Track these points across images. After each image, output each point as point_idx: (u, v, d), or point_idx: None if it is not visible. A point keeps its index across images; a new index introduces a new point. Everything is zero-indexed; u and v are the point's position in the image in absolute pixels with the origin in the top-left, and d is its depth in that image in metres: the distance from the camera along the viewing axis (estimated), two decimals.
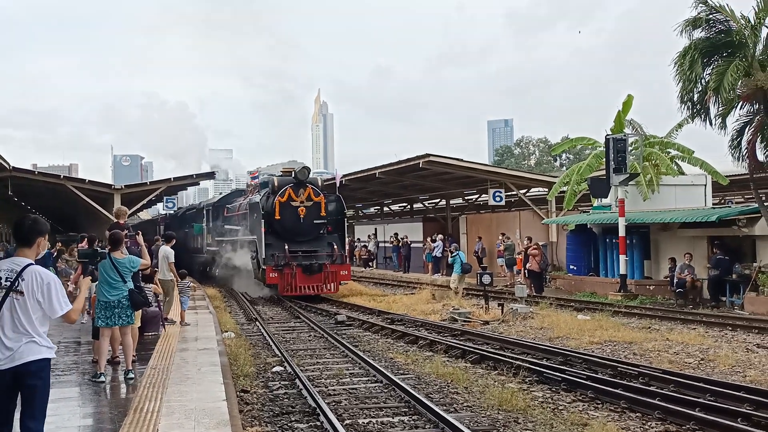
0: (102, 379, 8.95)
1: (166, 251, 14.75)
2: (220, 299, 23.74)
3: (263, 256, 23.22)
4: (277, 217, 23.61)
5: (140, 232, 11.65)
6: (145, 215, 61.05)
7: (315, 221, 24.14)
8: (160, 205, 46.62)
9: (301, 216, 23.83)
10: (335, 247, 24.01)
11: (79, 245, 13.08)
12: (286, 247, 23.14)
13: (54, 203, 41.41)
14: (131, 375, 9.09)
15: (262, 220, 23.54)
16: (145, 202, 34.49)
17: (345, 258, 24.53)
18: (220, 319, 16.66)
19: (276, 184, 24.29)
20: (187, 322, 14.66)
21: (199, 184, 40.85)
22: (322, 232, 24.56)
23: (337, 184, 27.37)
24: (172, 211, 41.47)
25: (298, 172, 24.39)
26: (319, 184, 25.04)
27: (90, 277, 6.31)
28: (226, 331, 15.07)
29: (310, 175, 24.97)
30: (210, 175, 36.84)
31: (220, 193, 38.92)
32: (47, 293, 4.78)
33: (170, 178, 32.84)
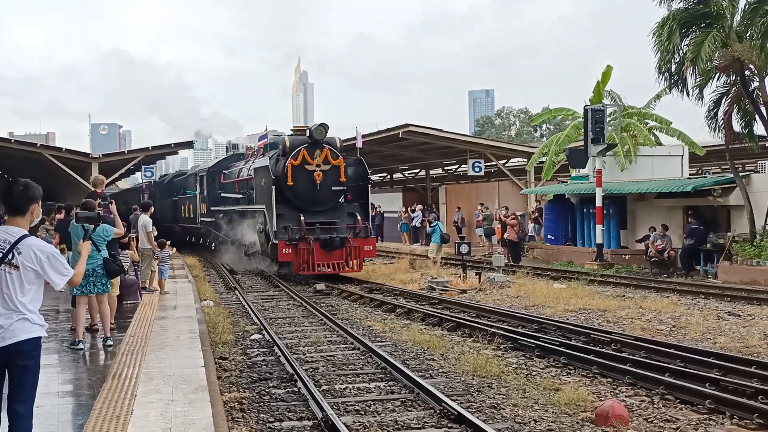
0: (80, 346, 9.00)
1: (145, 220, 14.72)
2: (199, 268, 23.75)
3: (274, 229, 19.78)
4: (290, 182, 20.07)
5: (113, 201, 11.61)
6: (124, 184, 60.59)
7: (333, 188, 20.60)
8: (138, 174, 46.18)
9: (318, 182, 20.24)
10: (358, 217, 20.53)
11: (57, 215, 13.00)
12: (302, 218, 19.76)
13: (31, 172, 41.00)
14: (109, 342, 9.14)
15: (273, 187, 19.93)
16: (123, 171, 34.22)
17: (369, 231, 20.96)
18: (199, 288, 16.71)
19: (288, 144, 20.57)
20: (166, 290, 14.71)
21: (177, 153, 40.52)
22: (341, 200, 21.21)
23: (359, 145, 23.50)
24: (157, 178, 40.33)
25: (314, 130, 20.42)
26: (338, 144, 21.22)
27: (89, 242, 6.19)
28: (205, 300, 15.14)
29: (333, 134, 21.20)
30: (189, 145, 36.54)
31: (216, 158, 36.24)
32: (48, 267, 4.43)
33: (148, 147, 32.61)
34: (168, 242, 16.15)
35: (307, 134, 20.65)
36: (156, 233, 15.13)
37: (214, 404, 6.44)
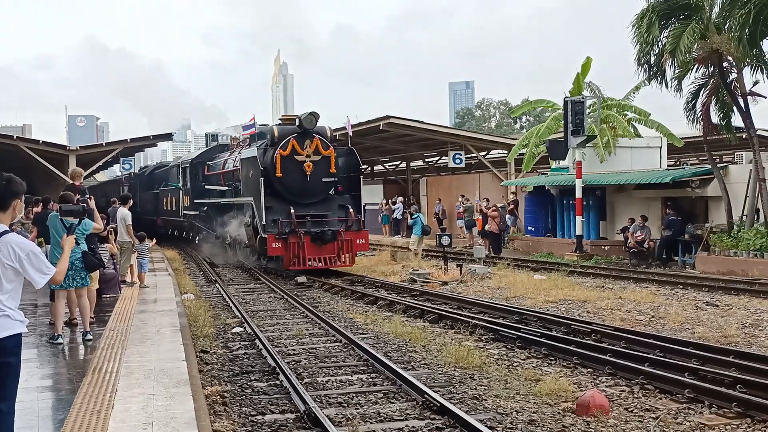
0: (59, 340, 8.92)
1: (123, 213, 14.60)
2: (179, 261, 23.61)
3: (263, 222, 19.02)
4: (278, 174, 19.27)
5: (92, 197, 11.50)
6: (102, 177, 60.05)
7: (324, 179, 19.85)
8: (116, 167, 45.74)
9: (308, 173, 19.44)
10: (350, 210, 19.85)
11: (34, 209, 12.84)
12: (292, 210, 19.03)
13: (7, 165, 40.49)
14: (89, 336, 9.06)
15: (261, 178, 19.14)
16: (101, 163, 33.90)
17: (362, 224, 20.29)
18: (179, 281, 16.61)
19: (276, 134, 19.79)
20: (146, 284, 14.60)
21: (156, 145, 40.21)
22: (331, 192, 20.43)
23: (350, 134, 22.69)
24: (137, 171, 39.88)
25: (303, 119, 19.48)
26: (328, 134, 20.42)
27: (74, 236, 6.07)
28: (186, 293, 15.05)
29: (318, 124, 20.13)
30: (168, 137, 36.22)
31: (199, 149, 35.25)
32: (28, 265, 4.30)
33: (126, 139, 32.30)
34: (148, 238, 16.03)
35: (297, 123, 19.81)
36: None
37: (195, 398, 6.41)
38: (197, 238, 27.73)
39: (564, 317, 12.21)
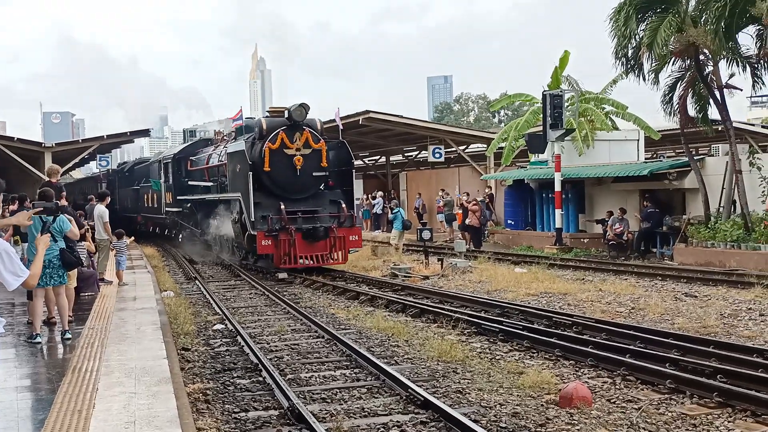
0: (38, 340, 8.81)
1: (100, 210, 14.47)
2: (158, 258, 23.43)
3: (252, 219, 18.18)
4: (267, 168, 18.39)
5: (65, 194, 11.36)
6: (78, 174, 59.43)
7: (314, 174, 18.98)
8: (93, 164, 45.25)
9: (298, 167, 18.57)
10: (343, 206, 19.07)
11: (10, 207, 12.66)
12: (282, 206, 18.26)
13: None
14: (68, 335, 8.96)
15: (250, 173, 18.25)
16: (77, 160, 33.50)
17: (355, 219, 19.68)
18: (158, 279, 16.48)
19: (264, 127, 18.86)
20: (124, 282, 14.47)
21: (133, 141, 39.82)
22: (321, 187, 19.67)
23: (340, 127, 21.89)
24: (114, 167, 39.35)
25: (293, 111, 18.56)
26: (319, 127, 19.48)
27: (49, 234, 5.98)
28: (165, 291, 14.93)
29: (308, 116, 19.14)
30: (145, 133, 35.94)
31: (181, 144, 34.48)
32: (1, 267, 4.20)
33: (103, 136, 31.96)
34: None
35: (286, 116, 18.84)
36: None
37: (178, 396, 6.35)
38: (180, 236, 27.01)
39: (545, 310, 12.26)
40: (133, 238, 18.34)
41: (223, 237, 21.75)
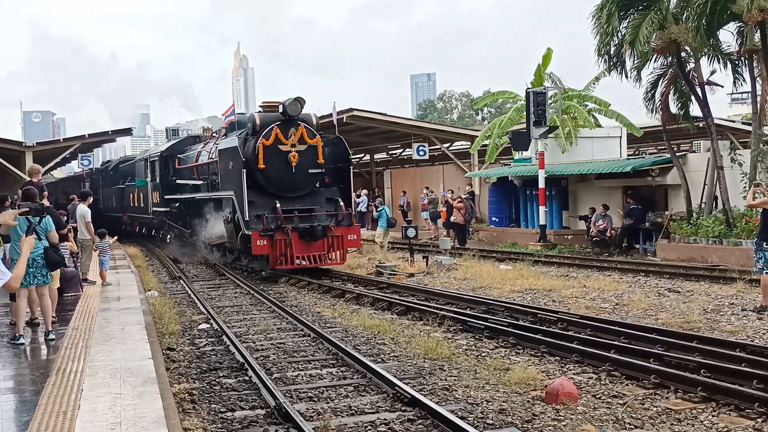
0: (21, 341, 8.73)
1: (82, 210, 14.37)
2: (141, 258, 23.31)
3: (246, 218, 17.39)
4: (261, 165, 17.70)
5: (46, 194, 11.28)
6: (59, 173, 58.94)
7: (310, 170, 18.32)
8: (74, 163, 44.91)
9: (293, 164, 17.86)
10: (341, 203, 18.40)
11: None
12: (278, 205, 17.54)
13: None
14: (52, 336, 8.89)
15: (243, 170, 17.44)
16: (59, 159, 33.29)
17: (353, 218, 18.95)
18: (142, 278, 16.41)
19: (258, 122, 18.13)
20: (108, 282, 14.38)
21: (115, 140, 39.60)
22: (318, 185, 19.00)
23: (335, 122, 21.47)
24: (98, 166, 38.46)
25: (287, 105, 17.80)
26: (314, 122, 18.81)
27: (34, 235, 5.93)
28: (150, 290, 14.85)
29: (303, 110, 18.39)
30: (127, 132, 35.73)
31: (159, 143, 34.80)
32: None
33: (85, 135, 31.77)
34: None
35: (280, 110, 18.05)
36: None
37: (164, 396, 6.33)
38: (168, 236, 26.28)
39: (530, 306, 12.31)
40: (116, 237, 18.18)
41: (215, 237, 21.01)
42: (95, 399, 6.20)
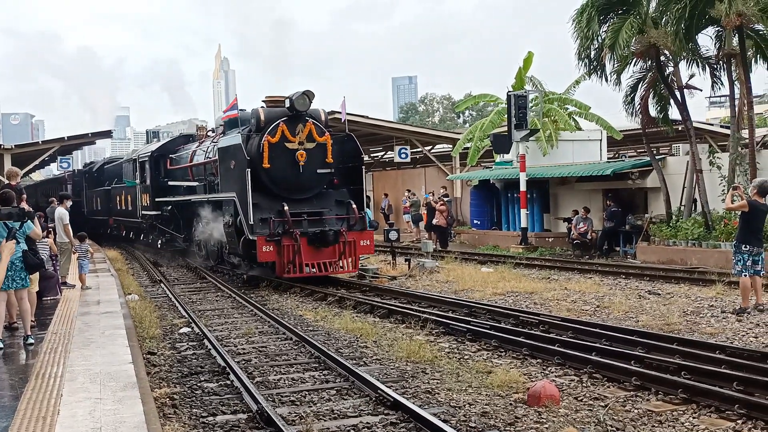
0: (0, 345, 8.62)
1: (60, 213, 14.25)
2: (121, 261, 23.13)
3: (251, 222, 16.09)
4: (266, 164, 16.42)
5: (25, 196, 11.16)
6: (38, 176, 58.39)
7: (319, 170, 17.06)
8: (53, 165, 44.53)
9: (301, 163, 16.61)
10: (353, 206, 17.15)
11: None
12: (286, 207, 16.23)
13: None
14: (31, 341, 8.78)
15: (248, 170, 16.16)
16: (38, 162, 32.99)
17: (366, 222, 17.51)
18: (122, 282, 16.27)
19: (262, 117, 16.86)
20: (88, 285, 14.24)
21: (95, 143, 39.31)
22: (325, 187, 17.68)
23: (344, 119, 20.76)
24: (80, 167, 38.20)
25: (295, 99, 16.49)
26: (323, 118, 17.54)
27: (14, 240, 5.87)
28: (130, 294, 14.74)
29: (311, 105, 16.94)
30: (107, 134, 35.48)
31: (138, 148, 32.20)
32: None
33: (64, 137, 31.48)
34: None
35: (287, 105, 16.77)
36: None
37: (144, 401, 6.27)
38: (159, 241, 24.88)
39: (512, 309, 12.34)
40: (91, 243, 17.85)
41: (212, 243, 19.65)
42: (75, 404, 6.13)
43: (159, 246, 24.81)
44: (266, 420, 6.77)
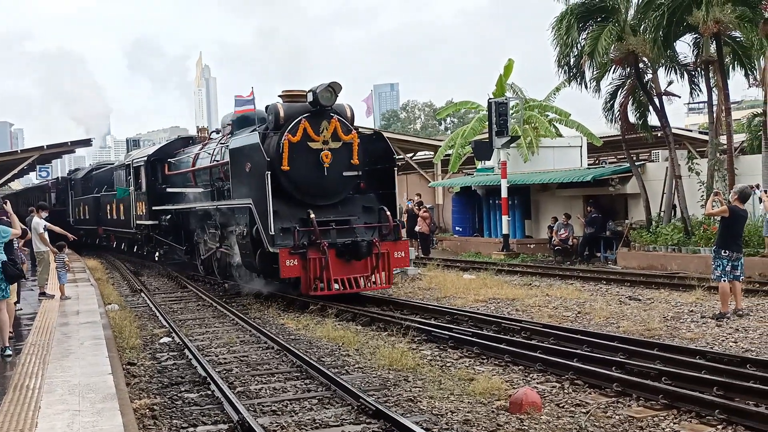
0: None
1: (36, 222, 14.17)
2: (101, 271, 22.92)
3: (271, 232, 14.13)
4: (285, 167, 14.63)
5: (8, 201, 11.07)
6: (17, 185, 57.82)
7: (345, 173, 15.26)
8: (33, 174, 44.09)
9: (325, 165, 14.81)
10: (387, 213, 15.24)
11: None
12: (312, 215, 14.40)
13: None
14: (8, 352, 8.69)
15: (268, 173, 14.23)
16: (16, 171, 32.58)
17: (400, 231, 15.76)
18: (102, 292, 16.14)
19: (281, 114, 15.03)
20: (67, 295, 14.11)
21: (74, 151, 38.89)
22: (350, 191, 15.85)
23: (370, 114, 19.48)
24: (66, 174, 37.44)
25: (319, 93, 14.62)
26: (349, 114, 15.71)
27: None
28: (110, 304, 14.61)
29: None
30: (87, 142, 35.11)
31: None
32: None
33: (43, 146, 31.12)
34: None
35: (310, 99, 14.90)
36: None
37: (124, 412, 6.21)
38: (157, 253, 23.03)
39: (494, 316, 12.36)
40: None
41: (221, 256, 17.77)
42: (53, 416, 6.06)
43: (156, 259, 23.23)
44: (247, 430, 6.72)
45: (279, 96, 15.91)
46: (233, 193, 16.26)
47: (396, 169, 16.39)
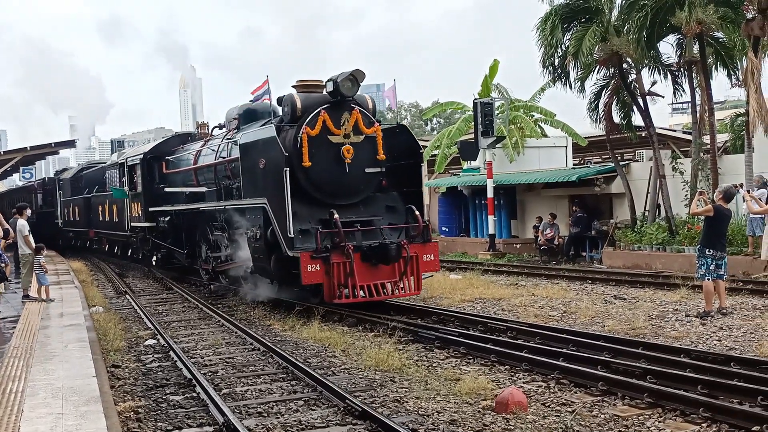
0: None
1: (21, 224, 14.08)
2: (86, 273, 22.78)
3: (290, 235, 12.83)
4: (306, 162, 13.33)
5: None
6: (1, 187, 57.35)
7: (367, 170, 14.01)
8: (16, 176, 43.77)
9: (347, 160, 13.58)
10: (416, 213, 13.99)
11: None
12: (336, 216, 13.08)
13: None
14: None
15: (286, 169, 12.86)
16: None
17: (429, 233, 14.27)
18: (86, 294, 16.04)
19: (299, 105, 13.74)
20: (51, 297, 14.01)
21: (58, 153, 38.70)
22: (372, 190, 14.48)
23: (394, 106, 17.30)
24: (44, 176, 37.12)
25: (340, 82, 13.32)
26: (370, 106, 14.43)
27: None
28: (94, 306, 14.52)
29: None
30: (70, 144, 34.94)
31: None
32: None
33: (26, 148, 30.94)
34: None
35: (328, 89, 13.63)
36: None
37: (108, 415, 6.18)
38: (154, 257, 21.72)
39: (480, 316, 12.38)
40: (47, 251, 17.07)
41: (229, 260, 16.51)
42: (36, 420, 6.02)
43: (153, 263, 21.97)
44: None
45: (293, 86, 14.53)
46: (244, 192, 14.97)
47: (422, 165, 15.29)
